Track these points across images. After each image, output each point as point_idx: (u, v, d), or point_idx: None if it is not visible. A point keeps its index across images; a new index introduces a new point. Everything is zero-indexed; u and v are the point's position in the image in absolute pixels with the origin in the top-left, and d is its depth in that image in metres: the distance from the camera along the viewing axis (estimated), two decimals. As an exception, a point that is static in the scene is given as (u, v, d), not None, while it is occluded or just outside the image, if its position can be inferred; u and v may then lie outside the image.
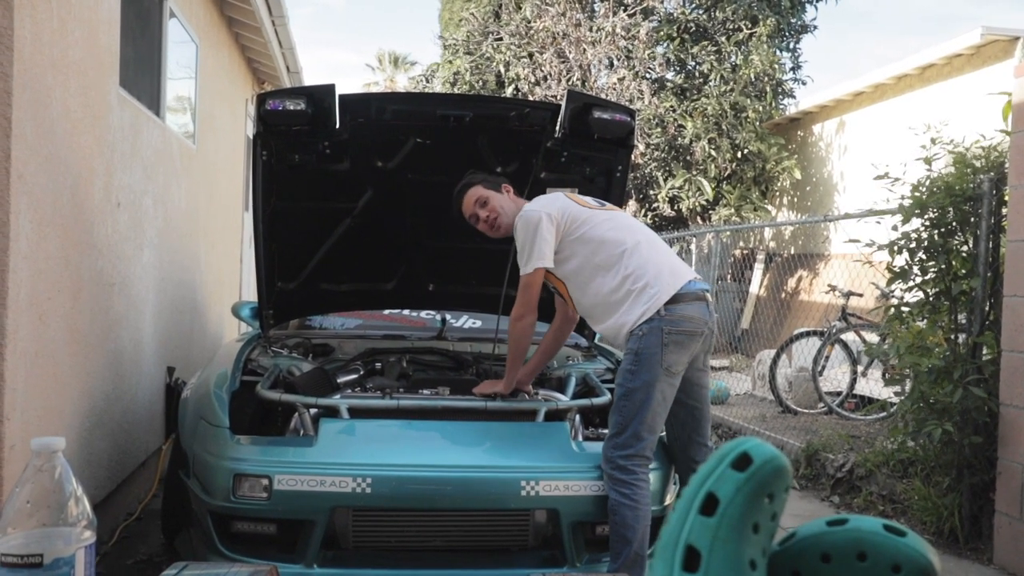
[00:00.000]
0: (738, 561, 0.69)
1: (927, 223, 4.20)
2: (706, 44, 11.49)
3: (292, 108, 3.12)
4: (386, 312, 4.38)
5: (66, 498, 1.04)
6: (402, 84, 27.73)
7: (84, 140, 3.15)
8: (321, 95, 3.16)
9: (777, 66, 11.14)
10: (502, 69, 11.83)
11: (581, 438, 3.03)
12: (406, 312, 4.40)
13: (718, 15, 11.49)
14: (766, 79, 11.05)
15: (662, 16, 11.80)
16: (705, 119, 10.90)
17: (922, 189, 4.18)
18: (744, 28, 11.34)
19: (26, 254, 2.59)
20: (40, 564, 1.00)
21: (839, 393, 6.51)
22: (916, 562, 0.72)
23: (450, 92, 11.81)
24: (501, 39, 12.08)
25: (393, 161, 3.53)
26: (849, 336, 6.50)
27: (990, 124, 4.50)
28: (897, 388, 4.50)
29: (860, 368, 6.50)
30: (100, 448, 3.49)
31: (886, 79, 9.50)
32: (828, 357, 6.47)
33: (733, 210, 10.95)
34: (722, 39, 11.40)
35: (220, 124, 6.33)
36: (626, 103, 10.73)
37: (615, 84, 11.35)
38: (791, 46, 12.06)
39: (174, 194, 4.77)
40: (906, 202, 4.23)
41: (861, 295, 6.44)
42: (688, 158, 11.16)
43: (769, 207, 11.53)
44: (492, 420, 2.97)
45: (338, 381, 3.26)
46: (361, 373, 3.41)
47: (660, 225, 11.25)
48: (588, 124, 3.31)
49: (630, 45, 11.39)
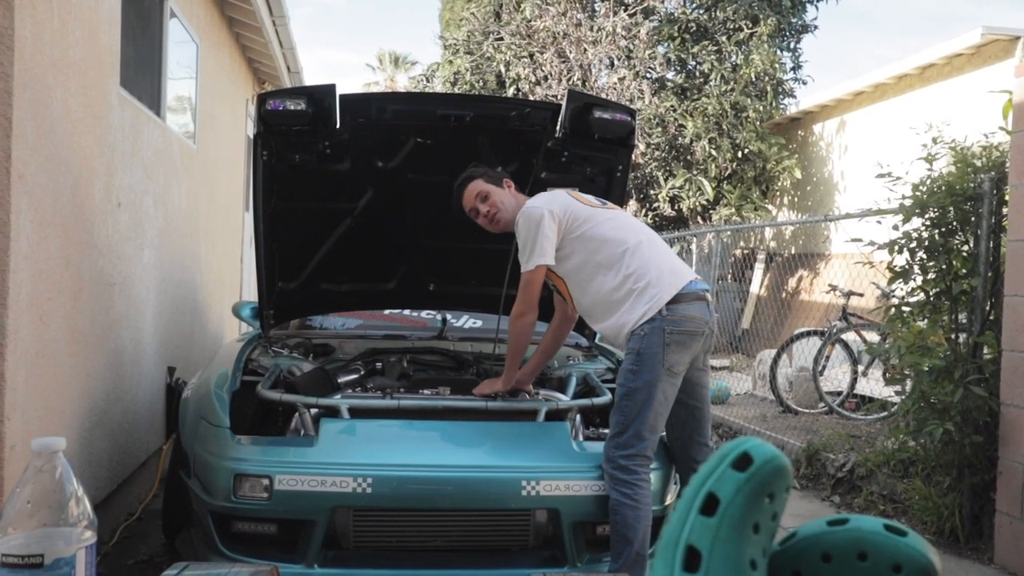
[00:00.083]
0: (739, 561, 0.69)
1: (928, 222, 4.20)
2: (707, 44, 11.48)
3: (293, 108, 3.12)
4: (386, 312, 4.38)
5: (67, 498, 1.03)
6: (402, 84, 27.72)
7: (85, 140, 3.14)
8: (322, 95, 3.15)
9: (777, 66, 11.13)
10: (502, 69, 11.83)
11: (582, 438, 3.03)
12: (407, 312, 4.40)
13: (719, 15, 11.48)
14: (766, 79, 11.04)
15: (663, 16, 11.79)
16: (706, 119, 10.89)
17: (923, 188, 4.18)
18: (745, 28, 11.32)
19: (27, 254, 2.59)
20: (41, 564, 1.00)
21: (840, 393, 6.51)
22: (917, 562, 0.72)
23: (450, 92, 11.81)
24: (502, 39, 12.07)
25: (394, 161, 3.53)
26: (850, 336, 6.50)
27: (990, 123, 4.50)
28: (898, 388, 4.49)
29: (861, 368, 6.49)
30: (101, 448, 3.49)
31: (886, 79, 9.50)
32: (829, 357, 6.47)
33: (733, 210, 10.95)
34: (723, 39, 11.39)
35: (220, 124, 6.33)
36: (626, 103, 10.71)
37: (615, 84, 11.34)
38: (791, 46, 12.05)
39: (174, 194, 4.77)
40: (907, 201, 4.23)
41: (862, 295, 6.43)
42: (688, 158, 11.15)
43: (770, 207, 11.52)
44: (493, 420, 2.96)
45: (339, 381, 3.26)
46: (362, 373, 3.41)
47: (660, 225, 11.24)
48: (589, 124, 3.31)
49: (631, 45, 11.38)
